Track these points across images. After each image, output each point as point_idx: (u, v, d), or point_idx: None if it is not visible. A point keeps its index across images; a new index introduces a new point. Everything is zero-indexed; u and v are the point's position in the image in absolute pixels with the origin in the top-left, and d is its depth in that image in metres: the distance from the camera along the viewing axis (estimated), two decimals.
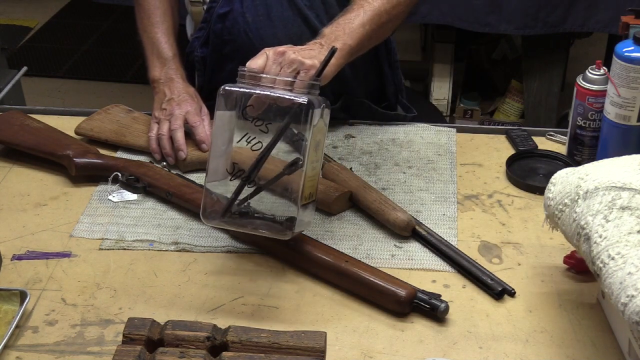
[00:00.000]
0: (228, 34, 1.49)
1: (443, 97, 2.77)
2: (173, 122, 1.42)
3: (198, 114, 1.44)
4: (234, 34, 1.48)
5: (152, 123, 1.46)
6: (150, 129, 1.45)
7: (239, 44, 1.48)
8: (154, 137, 1.44)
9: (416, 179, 1.39)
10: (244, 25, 1.46)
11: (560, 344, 1.05)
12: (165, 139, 1.42)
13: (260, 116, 1.13)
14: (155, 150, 1.43)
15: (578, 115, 1.36)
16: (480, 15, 2.48)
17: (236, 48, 1.49)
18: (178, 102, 1.44)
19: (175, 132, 1.41)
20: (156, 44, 1.52)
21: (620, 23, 1.34)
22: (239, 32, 1.47)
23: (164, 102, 1.46)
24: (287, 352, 0.98)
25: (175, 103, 1.44)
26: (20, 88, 2.07)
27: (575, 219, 1.01)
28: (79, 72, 3.60)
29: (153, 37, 1.53)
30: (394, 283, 1.10)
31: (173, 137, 1.41)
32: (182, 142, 1.41)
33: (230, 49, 1.50)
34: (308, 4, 1.45)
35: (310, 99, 1.11)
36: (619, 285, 0.91)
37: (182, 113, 1.43)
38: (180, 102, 1.44)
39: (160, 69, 1.50)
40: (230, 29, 1.48)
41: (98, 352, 1.04)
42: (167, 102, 1.45)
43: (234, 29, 1.48)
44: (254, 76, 1.14)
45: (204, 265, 1.20)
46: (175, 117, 1.42)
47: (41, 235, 1.26)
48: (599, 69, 1.33)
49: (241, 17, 1.46)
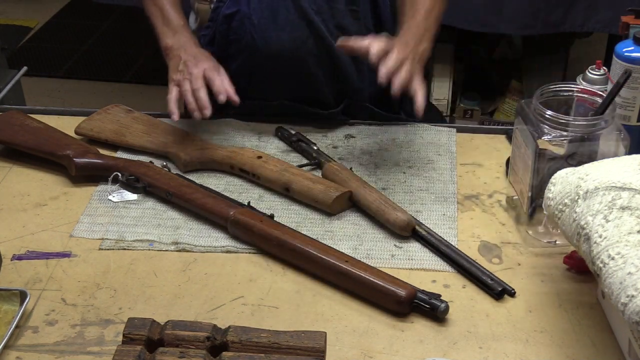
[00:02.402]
0: (234, 34, 1.49)
1: (443, 97, 2.77)
2: (194, 81, 1.38)
3: (216, 70, 1.41)
4: (240, 34, 1.48)
5: (170, 86, 1.41)
6: (169, 92, 1.40)
7: (243, 45, 1.49)
8: (174, 98, 1.39)
9: (416, 179, 1.39)
10: (250, 27, 1.46)
11: (560, 344, 1.05)
12: (189, 95, 1.38)
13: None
14: (173, 111, 1.38)
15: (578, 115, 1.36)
16: (480, 15, 2.48)
17: (241, 49, 1.49)
18: (194, 63, 1.41)
19: (198, 92, 1.37)
20: (166, 14, 1.49)
21: (620, 23, 1.34)
22: (244, 34, 1.47)
23: (180, 64, 1.42)
24: (287, 352, 0.98)
25: (192, 63, 1.41)
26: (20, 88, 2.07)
27: (575, 219, 1.01)
28: (79, 72, 3.60)
29: (162, 7, 1.50)
30: (394, 283, 1.10)
31: (196, 96, 1.37)
32: (206, 100, 1.37)
33: (235, 49, 1.51)
34: (315, 9, 1.45)
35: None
36: (619, 285, 0.91)
37: (200, 71, 1.40)
38: (197, 62, 1.41)
39: (173, 36, 1.47)
40: (236, 29, 1.48)
41: (98, 352, 1.05)
42: (183, 64, 1.41)
43: (239, 30, 1.48)
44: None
45: (204, 265, 1.20)
46: (195, 76, 1.39)
47: (41, 235, 1.26)
48: (599, 69, 1.33)
49: (247, 18, 1.46)
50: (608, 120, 1.17)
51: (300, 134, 1.48)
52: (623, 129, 1.17)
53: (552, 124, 1.16)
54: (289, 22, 1.45)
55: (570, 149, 1.16)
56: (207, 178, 1.39)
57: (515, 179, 1.27)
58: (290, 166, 1.36)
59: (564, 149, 1.17)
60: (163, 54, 1.48)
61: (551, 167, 1.16)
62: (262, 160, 1.37)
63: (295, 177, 1.33)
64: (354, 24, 1.50)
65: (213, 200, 1.28)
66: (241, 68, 1.51)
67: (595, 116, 1.17)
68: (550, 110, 1.17)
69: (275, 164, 1.36)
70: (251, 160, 1.38)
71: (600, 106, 1.18)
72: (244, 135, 1.51)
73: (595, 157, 1.15)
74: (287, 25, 1.45)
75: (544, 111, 1.17)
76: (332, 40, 1.47)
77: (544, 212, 1.10)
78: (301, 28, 1.46)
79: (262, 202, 1.33)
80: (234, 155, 1.39)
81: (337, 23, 1.48)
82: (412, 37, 1.33)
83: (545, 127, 1.16)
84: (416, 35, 1.34)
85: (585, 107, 1.32)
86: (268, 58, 1.48)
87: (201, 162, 1.41)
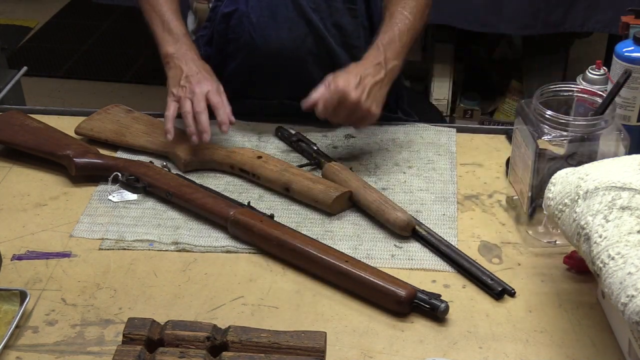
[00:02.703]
0: (232, 33, 1.49)
1: (443, 97, 2.77)
2: (197, 104, 1.37)
3: (219, 94, 1.40)
4: (238, 33, 1.48)
5: (169, 101, 1.40)
6: (167, 107, 1.40)
7: (242, 44, 1.48)
8: (171, 116, 1.39)
9: (416, 179, 1.39)
10: (248, 26, 1.46)
11: (560, 344, 1.05)
12: (190, 118, 1.37)
13: None
14: (170, 130, 1.38)
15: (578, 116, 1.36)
16: (480, 15, 2.48)
17: (239, 47, 1.49)
18: (198, 80, 1.40)
19: (200, 115, 1.37)
20: (166, 22, 1.48)
21: (620, 23, 1.34)
22: (242, 32, 1.47)
23: (182, 78, 1.41)
24: (287, 352, 0.98)
25: (195, 81, 1.40)
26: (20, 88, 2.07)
27: (575, 219, 1.01)
28: (79, 72, 3.60)
29: (162, 15, 1.49)
30: (394, 283, 1.10)
31: (197, 119, 1.37)
32: (207, 125, 1.36)
33: (233, 48, 1.50)
34: (313, 7, 1.46)
35: None
36: (619, 285, 0.91)
37: (203, 92, 1.38)
38: (200, 80, 1.40)
39: (174, 44, 1.46)
40: (235, 28, 1.48)
41: (98, 352, 1.04)
42: (186, 79, 1.40)
43: (237, 29, 1.48)
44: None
45: (204, 265, 1.20)
46: (198, 98, 1.38)
47: (41, 235, 1.26)
48: (599, 69, 1.32)
49: (246, 17, 1.46)
50: (608, 120, 1.17)
51: (300, 134, 1.48)
52: (623, 129, 1.17)
53: (552, 124, 1.16)
54: (287, 20, 1.46)
55: (570, 149, 1.16)
56: (207, 178, 1.39)
57: (515, 179, 1.27)
58: (290, 166, 1.36)
59: (564, 149, 1.17)
60: (163, 61, 1.47)
61: (551, 167, 1.16)
62: (262, 160, 1.37)
63: (295, 177, 1.33)
64: (352, 22, 1.50)
65: (213, 200, 1.28)
66: (240, 67, 1.51)
67: (595, 116, 1.17)
68: (550, 110, 1.17)
69: (275, 164, 1.36)
70: (251, 160, 1.38)
71: (600, 106, 1.19)
72: (244, 135, 1.51)
73: (595, 157, 1.15)
74: (286, 23, 1.46)
75: (544, 111, 1.17)
76: (330, 39, 1.47)
77: (544, 212, 1.10)
78: (300, 26, 1.46)
79: (262, 202, 1.33)
80: (234, 155, 1.39)
81: (334, 21, 1.48)
82: (371, 62, 1.37)
83: (545, 127, 1.16)
84: (377, 58, 1.37)
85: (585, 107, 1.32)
86: (267, 56, 1.48)
87: (201, 162, 1.41)
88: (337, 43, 1.49)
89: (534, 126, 1.17)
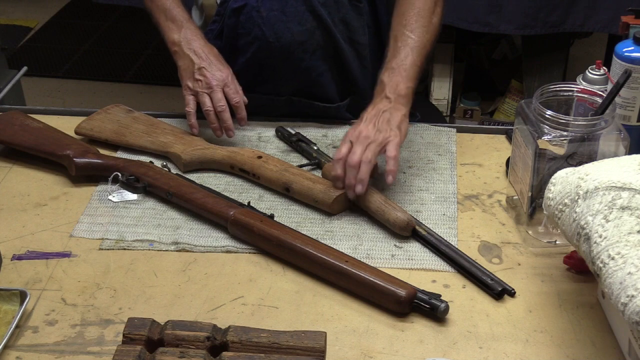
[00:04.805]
0: (242, 27, 1.50)
1: (443, 97, 2.77)
2: (216, 101, 1.41)
3: (236, 91, 1.44)
4: (248, 28, 1.49)
5: (186, 95, 1.44)
6: (186, 103, 1.43)
7: (252, 38, 1.49)
8: (192, 111, 1.43)
9: (416, 179, 1.39)
10: (258, 20, 1.47)
11: (560, 344, 1.05)
12: (212, 115, 1.42)
13: None
14: (195, 125, 1.44)
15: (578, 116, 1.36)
16: (480, 15, 2.49)
17: (249, 42, 1.50)
18: (211, 71, 1.43)
19: (223, 114, 1.41)
20: (168, 10, 1.50)
21: (620, 23, 1.34)
22: (252, 27, 1.48)
23: (195, 71, 1.43)
24: (287, 352, 0.98)
25: (209, 73, 1.43)
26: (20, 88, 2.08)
27: (575, 219, 1.01)
28: (79, 72, 3.60)
29: (163, 4, 1.51)
30: (394, 283, 1.10)
31: (221, 118, 1.42)
32: (231, 123, 1.42)
33: (243, 43, 1.51)
34: (321, 1, 1.47)
35: None
36: (619, 285, 0.91)
37: (220, 85, 1.42)
38: (213, 71, 1.43)
39: (178, 31, 1.48)
40: (245, 23, 1.49)
41: (98, 352, 1.05)
42: (199, 71, 1.43)
43: (248, 24, 1.49)
44: None
45: (204, 265, 1.20)
46: (217, 96, 1.42)
47: (41, 235, 1.26)
48: (599, 69, 1.32)
49: (255, 11, 1.47)
50: (608, 120, 1.17)
51: (300, 134, 1.48)
52: (623, 129, 1.17)
53: (552, 124, 1.16)
54: (297, 14, 1.47)
55: (570, 149, 1.17)
56: (207, 178, 1.39)
57: (515, 179, 1.27)
58: (290, 166, 1.36)
59: (564, 149, 1.17)
60: (170, 50, 1.48)
61: (551, 167, 1.16)
62: (262, 160, 1.37)
63: (295, 177, 1.33)
64: (357, 19, 1.51)
65: (213, 200, 1.28)
66: (250, 61, 1.52)
67: (595, 116, 1.17)
68: (550, 110, 1.17)
69: (275, 164, 1.36)
70: (251, 160, 1.38)
71: (600, 106, 1.19)
72: (244, 135, 1.51)
73: (595, 157, 1.15)
74: (296, 17, 1.47)
75: (544, 111, 1.17)
76: (337, 34, 1.48)
77: (544, 212, 1.10)
78: (309, 20, 1.47)
79: (262, 202, 1.33)
80: (234, 155, 1.39)
81: (341, 17, 1.49)
82: (376, 102, 1.35)
83: (545, 127, 1.16)
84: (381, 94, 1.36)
85: (585, 107, 1.32)
86: (278, 50, 1.49)
87: (201, 162, 1.41)
88: (343, 38, 1.50)
89: (534, 126, 1.17)
